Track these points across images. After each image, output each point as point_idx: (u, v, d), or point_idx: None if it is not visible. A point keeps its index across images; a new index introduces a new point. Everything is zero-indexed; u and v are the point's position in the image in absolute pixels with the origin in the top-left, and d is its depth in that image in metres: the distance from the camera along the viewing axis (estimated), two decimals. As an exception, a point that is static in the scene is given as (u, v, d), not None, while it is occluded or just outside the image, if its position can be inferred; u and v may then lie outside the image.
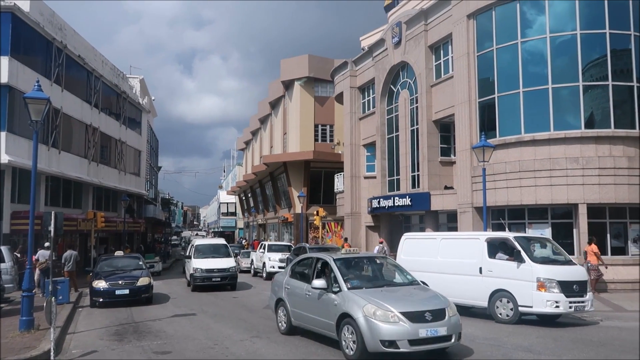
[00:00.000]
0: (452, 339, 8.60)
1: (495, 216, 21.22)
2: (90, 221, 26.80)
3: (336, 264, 9.87)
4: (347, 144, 33.34)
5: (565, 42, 19.83)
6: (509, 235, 13.36)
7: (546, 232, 19.45)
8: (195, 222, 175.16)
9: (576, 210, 19.06)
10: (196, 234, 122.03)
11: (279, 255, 25.76)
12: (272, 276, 25.16)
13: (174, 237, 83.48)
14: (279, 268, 24.95)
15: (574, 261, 13.59)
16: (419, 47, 25.88)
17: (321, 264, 10.43)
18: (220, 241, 24.61)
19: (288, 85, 45.59)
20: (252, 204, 62.01)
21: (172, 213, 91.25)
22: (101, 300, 16.28)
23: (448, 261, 14.00)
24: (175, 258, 48.16)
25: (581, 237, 18.70)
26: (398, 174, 27.89)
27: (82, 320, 14.06)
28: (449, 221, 24.98)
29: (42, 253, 18.68)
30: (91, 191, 31.71)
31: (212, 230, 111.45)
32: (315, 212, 31.70)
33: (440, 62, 25.15)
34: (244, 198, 69.42)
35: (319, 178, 41.80)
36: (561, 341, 10.51)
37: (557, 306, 11.86)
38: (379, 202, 28.16)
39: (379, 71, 29.68)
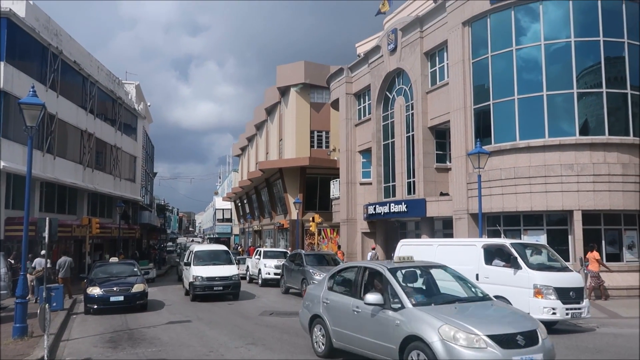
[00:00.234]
0: None
1: (491, 223, 21.25)
2: (85, 227, 26.68)
3: (394, 275, 8.36)
4: (343, 150, 33.37)
5: (559, 50, 19.96)
6: (505, 241, 13.38)
7: (541, 239, 19.48)
8: (190, 229, 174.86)
9: (571, 217, 19.11)
10: (192, 240, 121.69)
11: (274, 262, 25.68)
12: (267, 282, 25.32)
13: (170, 244, 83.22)
14: (275, 275, 24.88)
15: (570, 268, 13.62)
16: (414, 53, 25.99)
17: (369, 275, 9.01)
18: (221, 247, 23.02)
19: (284, 92, 45.65)
20: (247, 210, 61.90)
21: (168, 219, 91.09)
22: (95, 307, 16.17)
23: None
24: (171, 264, 47.98)
25: (576, 243, 18.75)
26: (394, 180, 27.92)
27: (76, 327, 13.96)
28: (444, 227, 24.99)
29: (39, 261, 18.58)
30: (86, 197, 31.59)
31: (208, 236, 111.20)
32: (311, 219, 31.66)
33: (436, 69, 25.25)
34: (239, 204, 69.30)
35: (315, 184, 41.79)
36: (556, 348, 10.47)
37: (554, 313, 11.87)
38: (374, 209, 28.16)
39: (375, 78, 29.78)
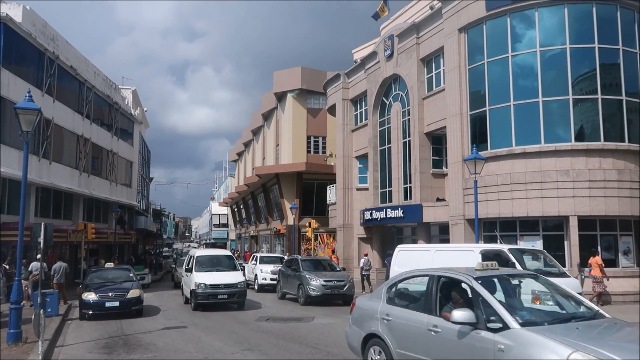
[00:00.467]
0: None
1: (487, 228, 21.29)
2: (80, 232, 26.56)
3: (484, 286, 6.53)
4: (340, 155, 33.40)
5: (555, 56, 20.08)
6: (503, 247, 13.41)
7: (537, 244, 19.51)
8: (187, 234, 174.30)
9: (567, 223, 19.16)
10: (188, 245, 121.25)
11: (271, 267, 25.64)
12: (264, 288, 25.25)
13: (166, 249, 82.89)
14: (271, 280, 24.82)
15: (567, 273, 13.65)
16: (410, 59, 26.09)
17: (444, 285, 7.19)
18: (224, 252, 21.93)
19: (281, 97, 45.71)
20: (244, 215, 61.81)
21: (164, 224, 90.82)
22: (91, 312, 16.06)
23: None
24: (167, 270, 47.80)
25: (572, 249, 18.80)
26: (390, 185, 27.95)
27: (71, 333, 13.87)
28: (441, 233, 25.01)
29: (35, 265, 18.49)
30: (82, 202, 31.48)
31: (204, 242, 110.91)
32: (307, 224, 31.63)
33: (432, 75, 25.35)
34: (236, 209, 69.20)
35: (312, 190, 41.79)
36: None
37: None
38: (371, 214, 28.17)
39: (371, 83, 29.85)
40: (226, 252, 22.16)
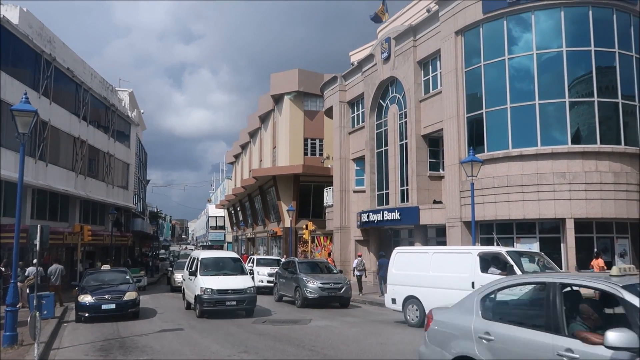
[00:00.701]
0: None
1: (484, 231, 21.32)
2: (76, 234, 26.52)
3: None
4: (337, 158, 33.41)
5: (551, 59, 20.14)
6: (501, 249, 13.41)
7: (534, 247, 19.55)
8: (183, 236, 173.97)
9: (563, 225, 19.20)
10: (185, 247, 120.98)
11: (267, 270, 25.64)
12: (260, 290, 25.11)
13: (162, 251, 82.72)
14: (268, 282, 24.78)
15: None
16: (407, 62, 26.14)
17: (569, 296, 5.75)
18: (230, 254, 20.59)
19: (278, 100, 45.72)
20: (241, 217, 61.75)
21: (160, 227, 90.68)
22: (87, 315, 16.01)
23: (440, 275, 13.98)
24: (163, 272, 47.70)
25: (569, 251, 18.83)
26: (387, 188, 27.96)
27: (67, 336, 13.82)
28: (437, 235, 25.03)
29: (32, 270, 18.47)
30: (78, 204, 31.41)
31: (201, 244, 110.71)
32: (304, 226, 31.62)
33: (429, 78, 25.40)
34: (232, 212, 69.12)
35: (309, 192, 41.78)
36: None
37: None
38: (368, 216, 28.18)
39: (368, 86, 29.89)
40: (233, 254, 20.77)
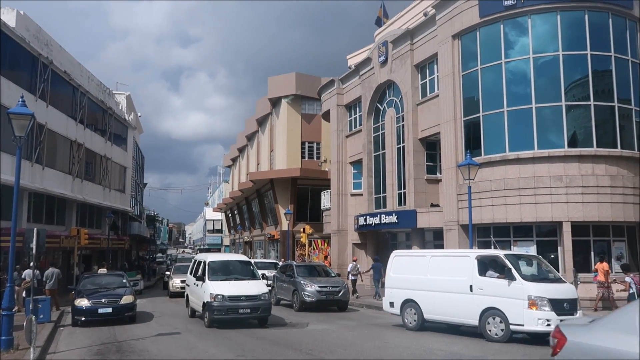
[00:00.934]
0: None
1: (481, 234, 21.33)
2: (73, 238, 26.42)
3: None
4: (334, 161, 33.42)
5: (547, 63, 20.21)
6: (499, 252, 13.40)
7: (531, 250, 19.57)
8: (180, 239, 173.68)
9: (560, 228, 19.23)
10: (183, 250, 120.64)
11: (265, 273, 25.56)
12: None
13: (159, 255, 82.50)
14: (266, 285, 24.63)
15: (563, 279, 13.68)
16: (404, 66, 26.19)
17: None
18: (240, 257, 19.03)
19: (275, 103, 45.74)
20: (238, 221, 61.67)
21: (158, 230, 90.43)
22: (83, 319, 15.96)
23: (438, 279, 13.97)
24: (160, 276, 47.58)
25: (566, 254, 18.86)
26: (384, 191, 27.97)
27: (64, 340, 13.76)
28: (435, 239, 25.03)
29: (28, 273, 18.41)
30: (75, 208, 31.31)
31: (198, 247, 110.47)
32: (301, 230, 31.60)
33: (426, 81, 25.45)
34: (230, 215, 69.04)
35: (306, 195, 41.76)
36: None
37: (549, 324, 11.83)
38: (365, 220, 28.17)
39: (366, 89, 29.93)
40: (242, 257, 19.38)
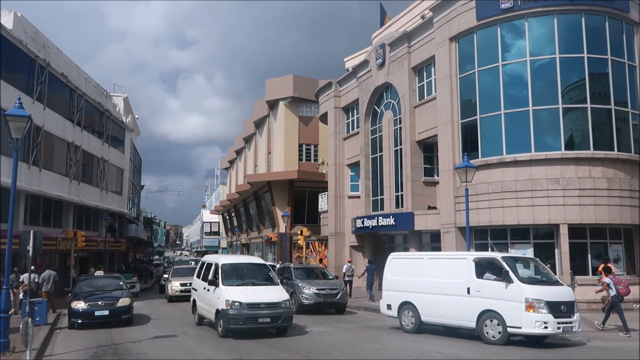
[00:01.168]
0: None
1: (478, 236, 21.35)
2: (70, 240, 26.35)
3: None
4: (332, 163, 33.43)
5: (544, 65, 20.27)
6: (496, 255, 13.40)
7: (528, 252, 19.59)
8: (178, 242, 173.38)
9: (557, 231, 19.26)
10: (180, 253, 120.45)
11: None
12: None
13: (156, 257, 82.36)
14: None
15: (560, 281, 13.70)
16: (402, 68, 26.23)
17: None
18: (256, 259, 17.28)
19: (273, 105, 45.75)
20: (235, 223, 61.61)
21: (155, 232, 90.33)
22: (80, 321, 15.90)
23: (435, 281, 13.97)
24: (157, 278, 47.47)
25: (563, 257, 18.88)
26: (382, 193, 27.98)
27: (60, 342, 13.72)
28: (432, 241, 25.04)
29: (27, 277, 18.36)
30: (72, 210, 31.24)
31: (195, 250, 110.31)
32: (299, 232, 31.56)
33: (424, 84, 25.49)
34: (227, 217, 68.98)
35: (303, 198, 41.75)
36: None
37: (546, 327, 11.85)
38: (362, 222, 28.17)
39: (363, 92, 29.96)
40: (258, 259, 17.80)
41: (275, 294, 14.11)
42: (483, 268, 13.19)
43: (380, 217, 26.50)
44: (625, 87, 20.44)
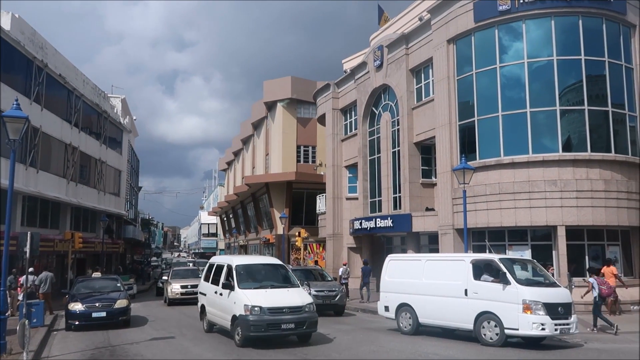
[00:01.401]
0: None
1: (476, 238, 21.37)
2: (67, 242, 26.31)
3: None
4: (329, 165, 33.44)
5: (542, 68, 20.32)
6: (494, 257, 13.41)
7: (526, 254, 19.62)
8: (175, 243, 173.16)
9: (555, 232, 19.29)
10: (178, 254, 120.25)
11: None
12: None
13: (154, 258, 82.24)
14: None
15: (558, 283, 13.72)
16: (400, 70, 26.27)
17: None
18: (272, 260, 16.03)
19: (271, 107, 45.75)
20: (233, 224, 61.56)
21: (152, 234, 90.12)
22: (77, 323, 15.88)
23: (433, 283, 13.98)
24: (155, 280, 47.40)
25: (560, 258, 18.91)
26: (380, 195, 28.00)
27: (57, 344, 13.69)
28: (430, 243, 25.06)
29: (26, 278, 18.33)
30: (69, 211, 31.19)
31: (193, 251, 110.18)
32: (297, 233, 31.56)
33: (421, 85, 25.52)
34: (225, 219, 68.91)
35: (301, 199, 41.74)
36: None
37: (543, 328, 11.87)
38: (360, 224, 28.18)
39: (361, 93, 29.99)
40: (274, 259, 16.35)
41: (298, 297, 12.99)
42: (480, 270, 13.20)
43: (378, 219, 26.52)
44: (622, 89, 20.50)
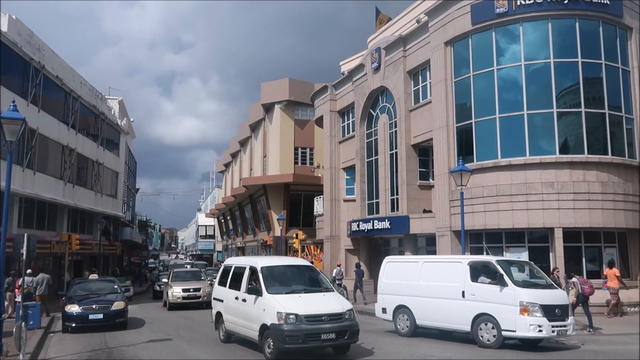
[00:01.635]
0: None
1: (473, 240, 21.39)
2: (64, 243, 26.23)
3: None
4: (327, 167, 33.44)
5: (539, 70, 20.37)
6: (491, 258, 13.42)
7: (523, 256, 19.65)
8: (173, 245, 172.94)
9: (552, 234, 19.33)
10: (176, 256, 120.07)
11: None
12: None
13: (151, 260, 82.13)
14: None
15: (555, 285, 13.75)
16: (397, 72, 26.31)
17: None
18: (300, 261, 14.38)
19: (268, 108, 45.77)
20: (231, 226, 61.51)
21: (150, 236, 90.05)
22: (74, 325, 15.85)
23: (430, 285, 13.99)
24: (152, 281, 47.32)
25: (557, 260, 18.94)
26: (377, 197, 28.01)
27: (54, 346, 13.66)
28: (427, 245, 25.07)
29: (27, 280, 18.36)
30: (66, 213, 31.12)
31: (191, 253, 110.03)
32: (294, 235, 31.57)
33: (419, 88, 25.56)
34: (222, 221, 68.86)
35: (299, 201, 41.74)
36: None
37: (540, 330, 11.89)
38: (358, 225, 28.18)
39: (359, 95, 30.02)
40: (302, 261, 14.74)
41: (337, 303, 11.46)
42: (478, 271, 13.21)
43: (375, 221, 26.52)
44: (619, 91, 20.57)
